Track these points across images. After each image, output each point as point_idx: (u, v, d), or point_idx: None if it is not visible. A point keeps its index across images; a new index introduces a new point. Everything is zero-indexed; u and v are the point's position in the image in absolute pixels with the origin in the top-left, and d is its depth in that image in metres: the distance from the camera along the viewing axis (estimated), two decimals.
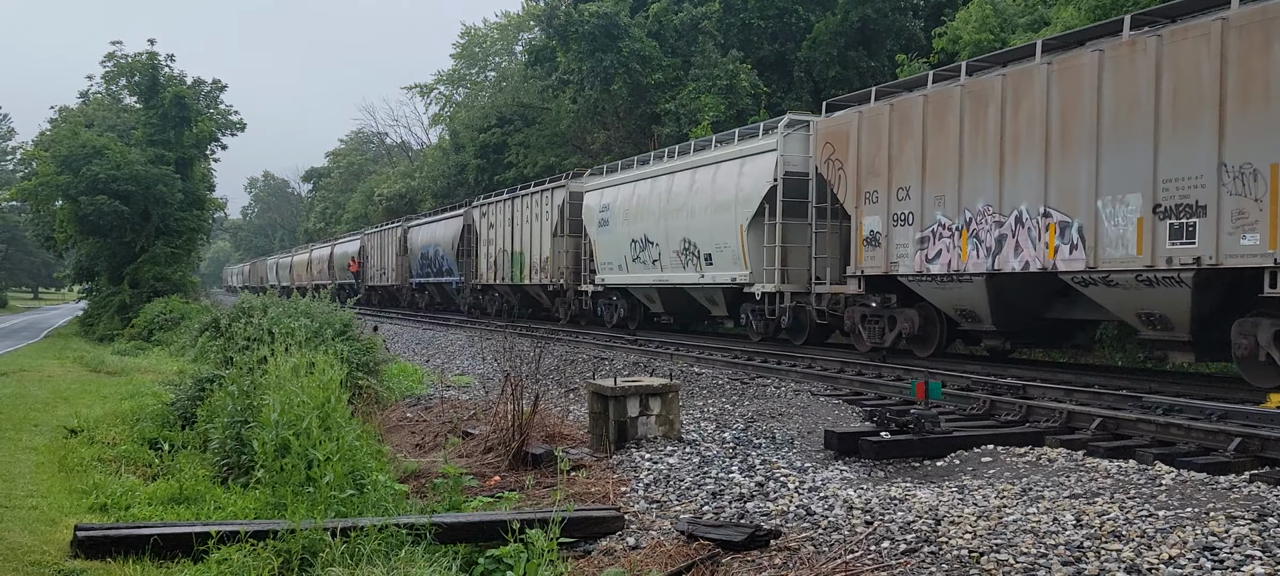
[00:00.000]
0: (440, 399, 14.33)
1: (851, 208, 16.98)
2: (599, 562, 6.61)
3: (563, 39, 35.69)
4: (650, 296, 23.99)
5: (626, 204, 24.16)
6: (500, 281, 32.50)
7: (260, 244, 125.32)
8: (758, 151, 19.38)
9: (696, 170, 21.39)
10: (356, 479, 7.66)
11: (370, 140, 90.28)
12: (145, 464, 10.54)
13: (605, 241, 25.41)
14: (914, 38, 32.25)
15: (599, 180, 26.69)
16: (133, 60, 37.67)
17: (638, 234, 23.49)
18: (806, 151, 18.67)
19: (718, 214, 20.27)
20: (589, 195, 26.74)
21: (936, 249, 15.12)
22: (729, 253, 19.96)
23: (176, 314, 30.20)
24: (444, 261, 39.23)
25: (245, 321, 15.03)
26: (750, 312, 19.95)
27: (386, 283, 48.20)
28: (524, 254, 30.42)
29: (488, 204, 34.18)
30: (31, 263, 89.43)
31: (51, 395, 15.88)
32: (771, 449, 9.38)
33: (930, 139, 15.24)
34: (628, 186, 24.45)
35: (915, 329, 16.03)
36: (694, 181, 21.33)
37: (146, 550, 6.44)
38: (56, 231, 38.99)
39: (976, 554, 5.74)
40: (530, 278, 29.95)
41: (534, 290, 30.42)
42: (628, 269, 24.18)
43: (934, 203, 15.19)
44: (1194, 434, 8.80)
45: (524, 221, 30.50)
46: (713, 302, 21.51)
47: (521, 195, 31.20)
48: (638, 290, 24.33)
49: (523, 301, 32.45)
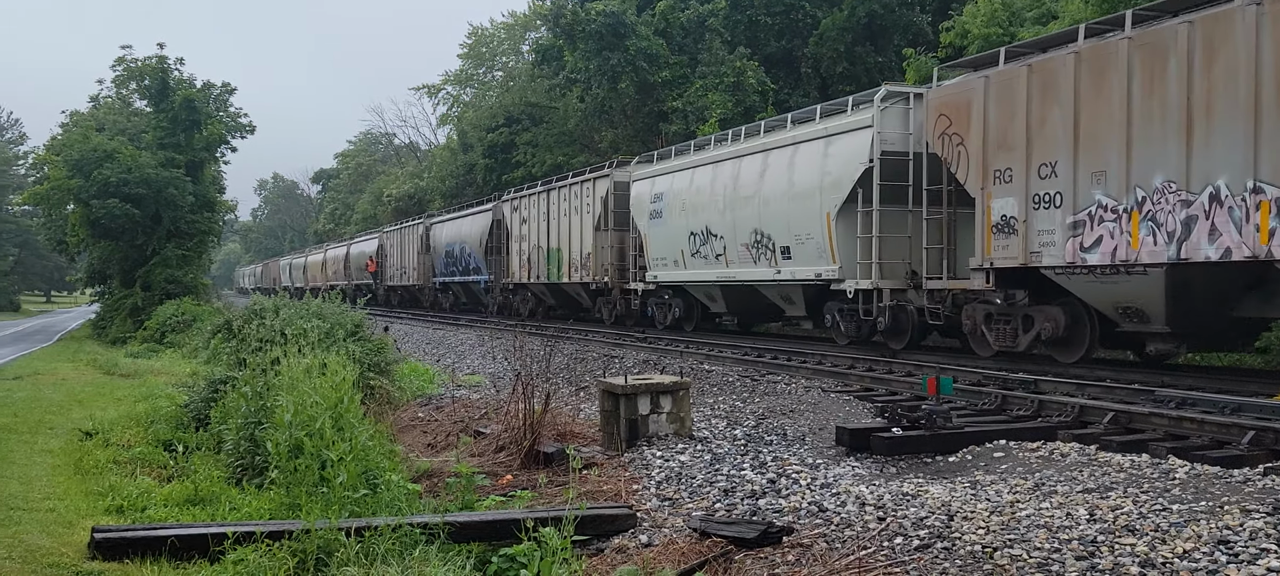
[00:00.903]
0: (452, 398, 14.37)
1: (975, 189, 14.62)
2: (612, 560, 6.64)
3: (570, 38, 35.72)
4: (711, 295, 21.95)
5: (684, 193, 21.98)
6: (534, 280, 30.54)
7: (270, 245, 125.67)
8: (847, 129, 17.11)
9: (769, 153, 19.14)
10: (370, 479, 7.70)
11: (379, 141, 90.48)
12: (160, 465, 10.60)
13: (658, 235, 23.23)
14: (921, 32, 32.17)
15: (649, 168, 24.33)
16: (143, 64, 37.82)
17: (697, 226, 21.38)
18: (906, 127, 16.50)
19: (798, 201, 18.11)
20: (638, 185, 24.47)
21: (1095, 235, 12.74)
22: (812, 245, 17.76)
23: (188, 316, 30.32)
24: (470, 259, 37.24)
25: (258, 323, 15.09)
26: (837, 313, 17.98)
27: (407, 283, 46.33)
28: (561, 250, 28.26)
29: (519, 197, 32.10)
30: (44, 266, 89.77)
31: (66, 398, 15.97)
32: (783, 446, 9.38)
33: (1085, 104, 12.84)
34: (684, 174, 22.25)
35: (1059, 330, 13.80)
36: (767, 166, 19.11)
37: (163, 551, 6.49)
38: (68, 235, 39.16)
39: (990, 549, 5.74)
40: (569, 276, 27.82)
41: (573, 289, 28.44)
42: (685, 265, 22.08)
43: (1091, 181, 12.77)
44: (1207, 428, 8.77)
45: (561, 215, 28.33)
46: (789, 301, 19.57)
47: (559, 186, 28.92)
48: (696, 288, 22.31)
49: (560, 301, 30.53)
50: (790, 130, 18.99)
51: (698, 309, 23.21)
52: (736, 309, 21.93)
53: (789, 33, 35.11)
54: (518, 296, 32.60)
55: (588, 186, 26.82)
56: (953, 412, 9.87)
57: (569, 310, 30.67)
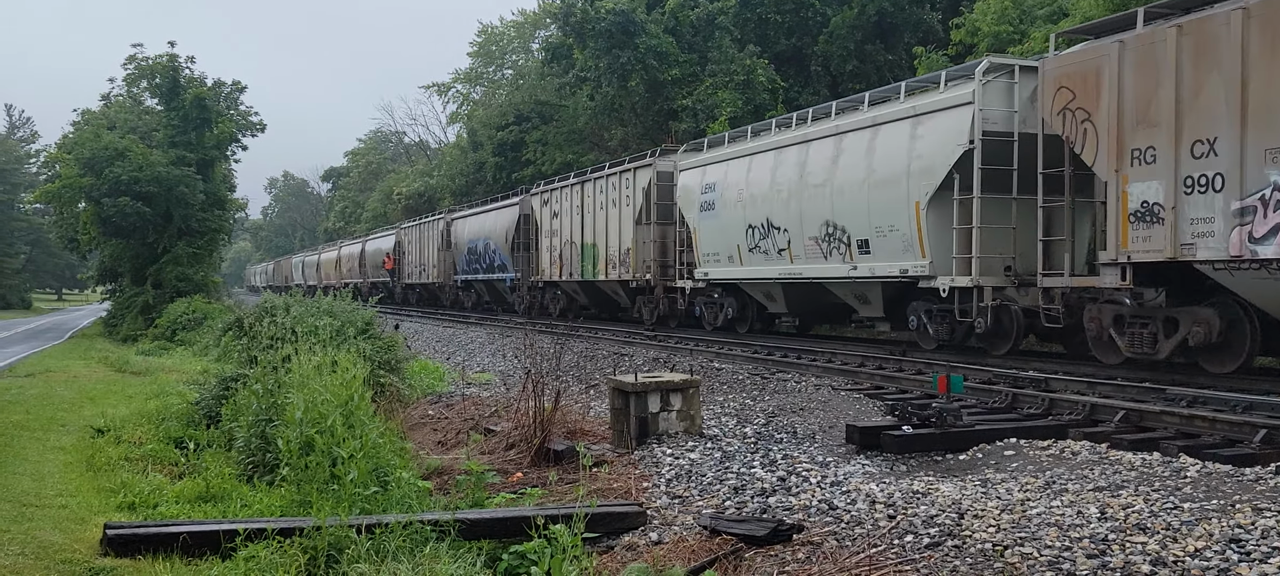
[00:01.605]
0: (462, 396, 14.39)
1: (1106, 172, 12.68)
2: (622, 558, 6.64)
3: (579, 36, 35.75)
4: (771, 293, 20.02)
5: (740, 182, 20.07)
6: (566, 278, 28.64)
7: (281, 244, 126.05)
8: (940, 107, 15.36)
9: (843, 137, 17.24)
10: (380, 476, 7.72)
11: (389, 139, 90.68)
12: (171, 462, 10.65)
13: (709, 229, 21.29)
14: (932, 30, 32.12)
15: (699, 156, 22.33)
16: (153, 62, 37.96)
17: (757, 218, 19.44)
18: (1010, 104, 14.73)
19: (879, 190, 16.25)
20: (686, 175, 22.51)
21: (1270, 223, 10.75)
22: (897, 237, 15.97)
23: (199, 314, 30.42)
24: (495, 256, 35.28)
25: (268, 321, 15.13)
26: (924, 313, 16.21)
27: (426, 281, 44.23)
28: (597, 246, 26.40)
29: (550, 190, 30.20)
30: (55, 264, 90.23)
31: (78, 395, 16.04)
32: (793, 443, 9.38)
33: (1256, 68, 10.81)
34: (740, 162, 20.34)
35: (1212, 335, 11.92)
36: (840, 150, 17.20)
37: (175, 548, 6.52)
38: (80, 233, 39.35)
39: (1001, 547, 5.73)
40: (605, 273, 25.97)
41: (609, 288, 26.70)
42: (741, 260, 20.21)
43: (1266, 159, 10.74)
44: (1219, 426, 8.74)
45: (597, 208, 26.43)
46: (863, 301, 17.74)
47: (595, 178, 27.02)
48: (754, 286, 20.40)
49: (594, 300, 28.69)
50: (867, 110, 17.06)
51: (753, 309, 21.24)
52: (799, 309, 20.19)
53: (799, 31, 35.09)
54: (547, 295, 31.05)
55: (628, 177, 24.94)
56: (963, 410, 9.85)
57: (604, 310, 29.02)
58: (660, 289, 23.93)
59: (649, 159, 24.42)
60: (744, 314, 21.42)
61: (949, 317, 15.65)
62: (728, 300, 21.63)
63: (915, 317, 16.51)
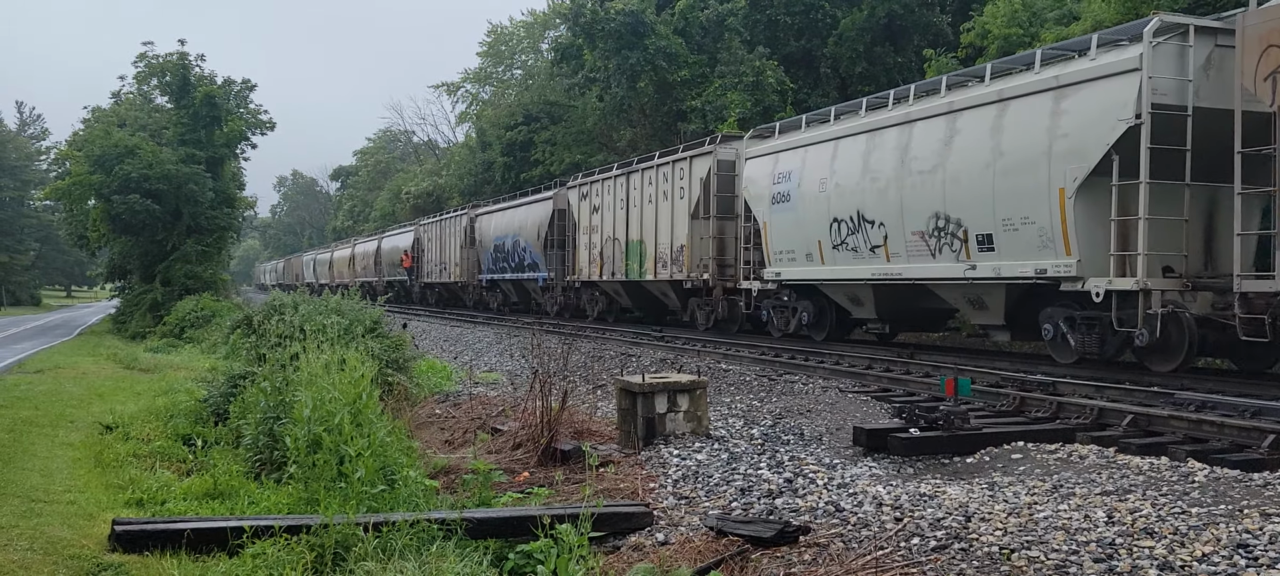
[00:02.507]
0: (469, 395, 14.41)
1: None
2: (628, 558, 6.65)
3: (589, 37, 35.76)
4: (858, 297, 17.77)
5: (823, 171, 17.78)
6: (607, 277, 26.48)
7: (289, 242, 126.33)
8: (1095, 76, 12.96)
9: (958, 115, 14.92)
10: (387, 474, 7.73)
11: (398, 139, 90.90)
12: (179, 459, 10.69)
13: (783, 223, 18.94)
14: (941, 33, 32.07)
15: (770, 142, 19.96)
16: (164, 60, 38.09)
17: (845, 210, 17.16)
18: (1182, 71, 12.30)
19: (1010, 176, 13.94)
20: (753, 163, 20.17)
21: None
22: (1032, 231, 13.66)
23: (208, 311, 30.51)
24: (525, 254, 33.00)
25: (277, 319, 15.17)
26: (1063, 321, 13.70)
27: (447, 279, 42.13)
28: (644, 243, 24.26)
29: (589, 182, 28.02)
30: (65, 261, 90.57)
31: (86, 392, 16.10)
32: (800, 445, 9.37)
33: None
34: (823, 148, 18.02)
35: None
36: (954, 131, 14.92)
37: (182, 544, 6.55)
38: (89, 230, 39.50)
39: (1007, 550, 5.72)
40: (654, 272, 23.80)
41: (658, 288, 24.53)
42: (821, 259, 17.96)
43: None
44: (1227, 431, 8.73)
45: (645, 201, 24.25)
46: (979, 305, 15.26)
47: (643, 168, 24.78)
48: (837, 288, 18.17)
49: (639, 302, 26.56)
50: (991, 84, 14.68)
51: (832, 314, 18.89)
52: (891, 313, 17.85)
53: (808, 32, 35.06)
54: (584, 296, 28.94)
55: (682, 167, 22.72)
56: (970, 413, 9.84)
57: (650, 313, 26.88)
58: (719, 290, 21.85)
59: (708, 146, 22.07)
60: (821, 320, 19.09)
61: (1099, 327, 13.29)
62: (802, 304, 19.36)
63: (1050, 326, 13.98)
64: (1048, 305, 14.11)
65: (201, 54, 38.88)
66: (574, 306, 29.79)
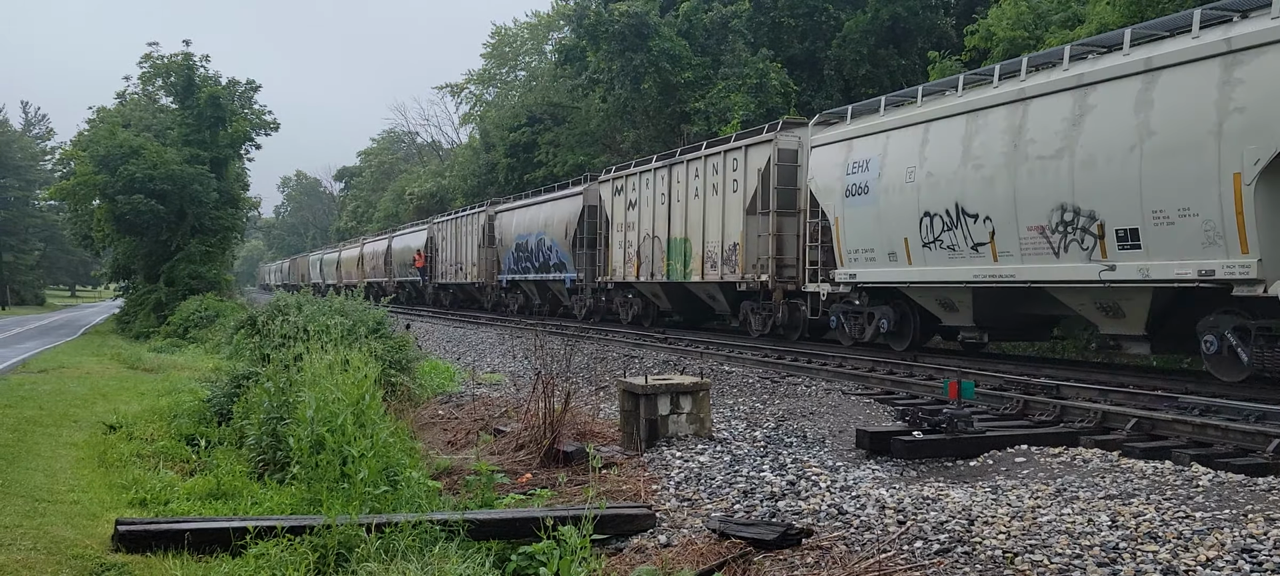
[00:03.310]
0: (472, 397, 14.42)
1: None
2: (631, 560, 6.64)
3: (593, 38, 35.77)
4: (952, 301, 15.64)
5: (910, 157, 15.75)
6: (645, 279, 24.47)
7: (293, 243, 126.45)
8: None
9: (1090, 89, 12.78)
10: (390, 475, 7.74)
11: (401, 139, 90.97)
12: (183, 460, 10.70)
13: (859, 218, 16.85)
14: (945, 35, 32.06)
15: (843, 127, 17.83)
16: (169, 61, 38.18)
17: (939, 203, 15.13)
18: None
19: (1164, 159, 11.78)
20: (822, 152, 18.13)
21: None
22: (1194, 225, 11.52)
23: (211, 311, 30.55)
24: (551, 253, 30.86)
25: (281, 319, 15.19)
26: (1233, 332, 11.64)
27: (464, 280, 39.97)
28: (689, 241, 22.27)
29: (625, 175, 25.81)
30: (69, 261, 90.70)
31: (90, 392, 16.11)
32: (803, 447, 9.37)
33: None
34: (910, 132, 15.90)
35: None
36: (1086, 107, 12.81)
37: (185, 544, 6.55)
38: (94, 230, 39.57)
39: (1011, 554, 5.72)
40: (702, 273, 21.82)
41: (706, 291, 22.50)
42: (908, 258, 15.90)
43: None
44: (1231, 435, 8.70)
45: (692, 195, 22.19)
46: (1114, 312, 13.15)
47: (689, 159, 22.60)
48: (927, 292, 16.07)
49: (681, 305, 24.67)
50: (1133, 52, 12.43)
51: (916, 320, 16.80)
52: (992, 320, 15.67)
53: (812, 35, 35.06)
54: (618, 298, 26.93)
55: (736, 157, 20.61)
56: (974, 417, 9.83)
57: (694, 317, 25.18)
58: (779, 294, 19.79)
59: (767, 133, 19.98)
60: (903, 327, 16.90)
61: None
62: (880, 310, 17.15)
63: (1213, 338, 11.87)
64: (1209, 313, 12.03)
65: (206, 54, 38.98)
66: (605, 309, 28.06)
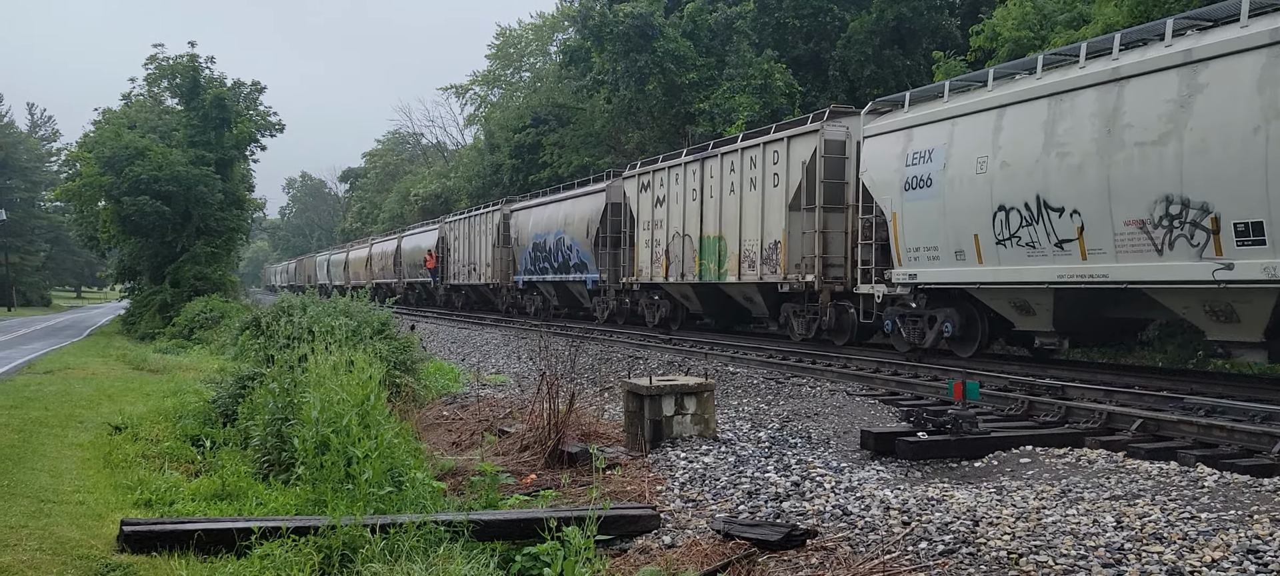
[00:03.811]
0: (477, 397, 14.42)
1: None
2: (635, 561, 6.64)
3: (597, 39, 35.79)
4: (1028, 303, 14.24)
5: (981, 146, 14.38)
6: (675, 279, 23.20)
7: (298, 244, 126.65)
8: None
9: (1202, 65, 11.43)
10: (395, 476, 7.75)
11: (406, 141, 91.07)
12: (188, 460, 10.72)
13: (921, 214, 15.49)
14: (950, 36, 32.04)
15: (900, 115, 16.30)
16: (174, 62, 38.24)
17: (1016, 196, 13.76)
18: None
19: None
20: (877, 143, 16.65)
21: None
22: None
23: (217, 312, 30.59)
24: (571, 253, 29.50)
25: (285, 320, 15.21)
26: None
27: (477, 282, 38.69)
28: (723, 240, 21.00)
29: (653, 170, 24.41)
30: (75, 262, 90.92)
31: (96, 392, 16.14)
32: (807, 448, 9.36)
33: None
34: (980, 118, 14.53)
35: None
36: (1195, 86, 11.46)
37: (191, 545, 6.56)
38: (99, 231, 39.63)
39: (1015, 555, 5.71)
40: (738, 273, 20.47)
41: (743, 292, 21.10)
42: (979, 257, 14.51)
43: None
44: (1237, 436, 8.69)
45: (727, 191, 20.91)
46: (1224, 316, 11.82)
47: (724, 152, 21.13)
48: (999, 293, 14.63)
49: (713, 308, 23.29)
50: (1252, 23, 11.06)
51: (984, 323, 15.49)
52: (1074, 324, 14.34)
53: (817, 35, 35.05)
54: (644, 300, 25.61)
55: (777, 149, 19.21)
56: (979, 417, 9.82)
57: (728, 320, 23.96)
58: (826, 295, 18.40)
59: (813, 124, 18.48)
60: (969, 331, 15.56)
61: None
62: (943, 312, 15.74)
63: None
64: None
65: (211, 56, 38.98)
66: (629, 312, 26.70)
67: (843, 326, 18.49)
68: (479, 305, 40.40)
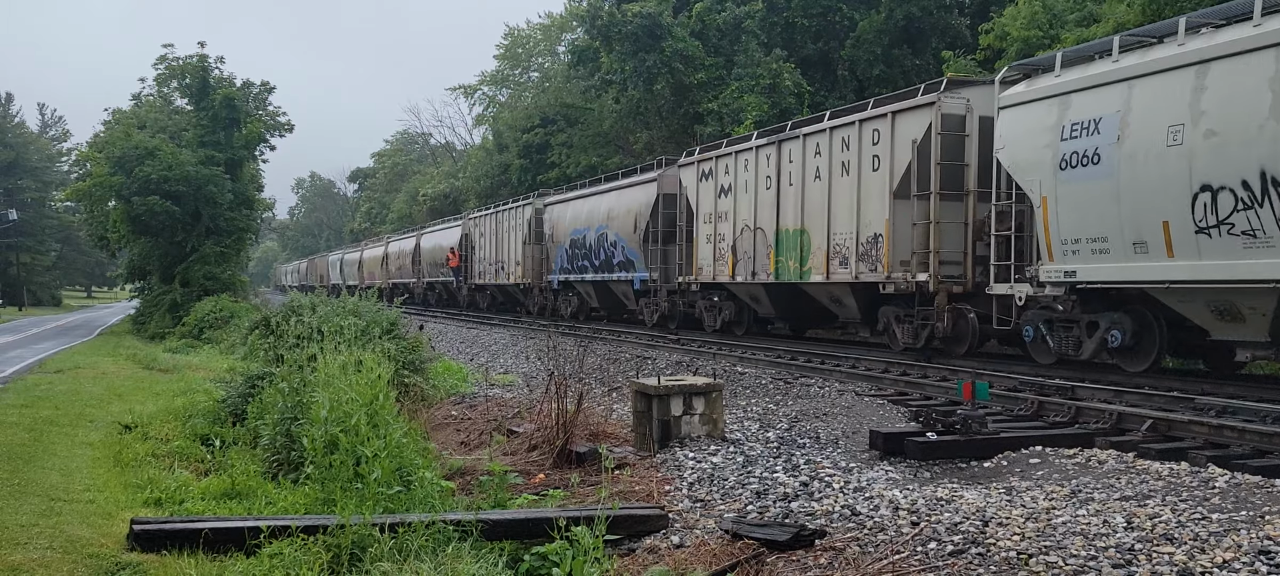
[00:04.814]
0: (485, 397, 14.43)
1: None
2: (644, 561, 6.64)
3: (606, 39, 35.80)
4: (1236, 306, 11.63)
5: (1174, 111, 11.70)
6: (745, 278, 20.64)
7: (307, 244, 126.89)
8: None
9: None
10: (403, 476, 7.76)
11: (415, 141, 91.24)
12: (197, 459, 10.75)
13: (1083, 197, 12.91)
14: (960, 35, 31.97)
15: (1050, 80, 13.70)
16: (184, 63, 38.34)
17: (1228, 172, 11.11)
18: None
19: None
20: (1018, 114, 13.99)
21: None
22: None
23: (226, 312, 30.69)
24: (615, 250, 26.92)
25: (295, 320, 15.24)
26: None
27: (505, 281, 36.19)
28: (807, 233, 18.48)
29: (715, 156, 21.96)
30: (85, 262, 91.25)
31: (106, 392, 16.20)
32: (816, 449, 9.35)
33: None
34: (1171, 77, 11.82)
35: None
36: None
37: (200, 544, 6.58)
38: (110, 231, 39.76)
39: (1025, 556, 5.69)
40: (827, 272, 17.88)
41: (829, 293, 18.55)
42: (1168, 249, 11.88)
43: None
44: (1248, 436, 8.65)
45: (811, 177, 18.39)
46: None
47: (808, 132, 18.61)
48: (1196, 294, 12.00)
49: (791, 310, 20.72)
50: None
51: (1162, 330, 12.93)
52: None
53: (826, 35, 35.02)
54: (703, 302, 23.13)
55: (879, 128, 16.65)
56: (988, 418, 9.79)
57: (805, 323, 21.70)
58: (943, 297, 15.62)
59: (925, 96, 15.94)
60: (1144, 342, 13.04)
61: None
62: (1108, 318, 13.21)
63: None
64: None
65: (221, 56, 39.10)
66: (682, 315, 24.38)
67: (960, 333, 15.73)
68: (507, 307, 38.13)
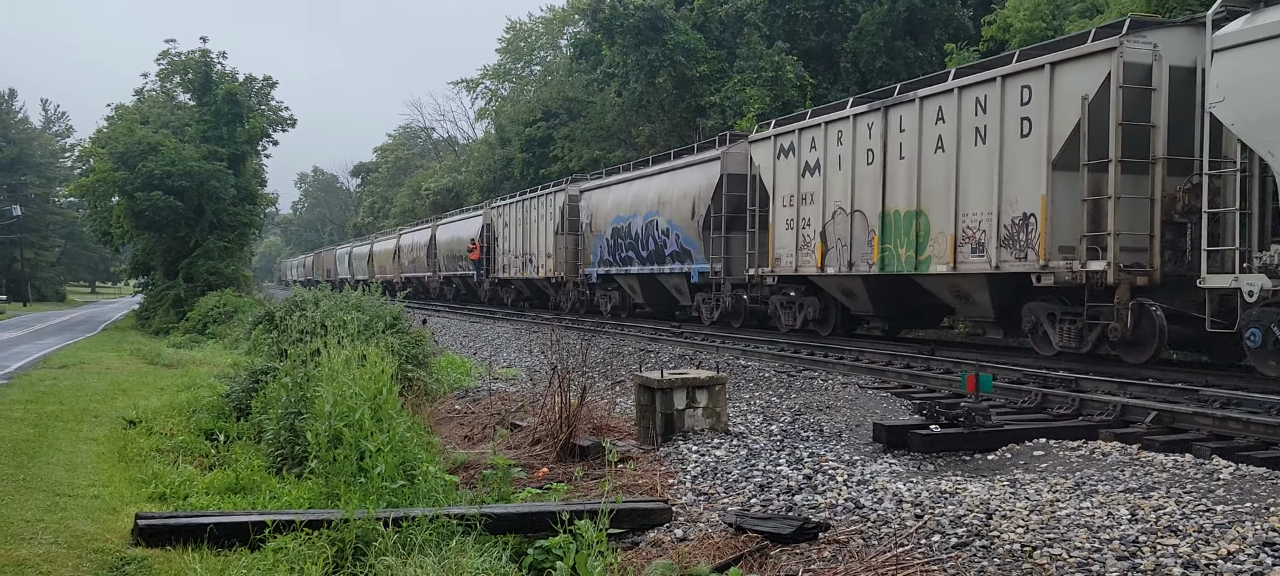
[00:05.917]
0: (488, 391, 14.44)
1: None
2: (647, 554, 6.64)
3: (608, 32, 35.76)
4: None
5: None
6: (837, 270, 17.70)
7: (310, 238, 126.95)
8: None
9: None
10: (407, 470, 7.75)
11: (417, 135, 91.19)
12: (202, 454, 10.75)
13: None
14: (963, 27, 31.92)
15: None
16: (186, 58, 38.33)
17: None
18: None
19: None
20: (1250, 55, 10.99)
21: None
22: None
23: (230, 307, 30.69)
24: (667, 239, 23.98)
25: (298, 315, 15.24)
26: None
27: (533, 275, 33.03)
28: (925, 215, 15.63)
29: (798, 128, 18.98)
30: (89, 257, 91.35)
31: (110, 387, 16.22)
32: (819, 441, 9.34)
33: None
34: None
35: None
36: None
37: (205, 538, 6.58)
38: (113, 227, 39.78)
39: (1029, 548, 5.69)
40: (953, 261, 14.99)
41: (953, 286, 15.64)
42: None
43: None
44: (1253, 428, 8.64)
45: (930, 149, 15.51)
46: None
47: (927, 94, 15.69)
48: None
49: (893, 306, 18.05)
50: None
51: None
52: None
53: (828, 27, 34.97)
54: (778, 298, 20.35)
55: (1033, 83, 13.66)
56: (992, 410, 9.78)
57: (907, 320, 19.19)
58: (1125, 291, 12.65)
59: (1099, 40, 12.94)
60: None
61: None
62: None
63: None
64: None
65: (223, 51, 39.09)
66: (748, 311, 21.56)
67: (1141, 337, 12.79)
68: (535, 303, 34.93)
